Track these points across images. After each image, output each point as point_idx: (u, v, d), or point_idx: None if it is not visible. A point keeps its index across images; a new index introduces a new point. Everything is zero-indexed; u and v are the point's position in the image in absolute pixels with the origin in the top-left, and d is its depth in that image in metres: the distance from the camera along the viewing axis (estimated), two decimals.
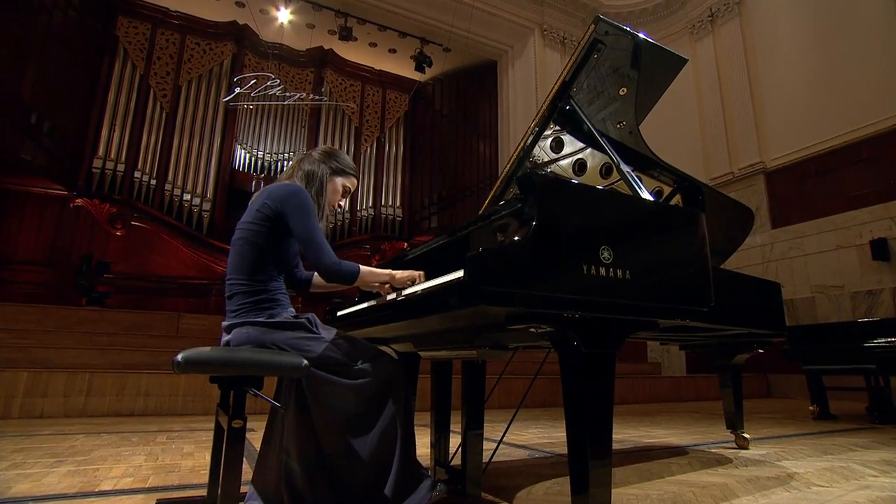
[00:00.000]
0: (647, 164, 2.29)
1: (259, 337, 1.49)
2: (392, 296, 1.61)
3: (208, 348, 1.33)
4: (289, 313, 1.57)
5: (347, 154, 1.88)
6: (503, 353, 1.66)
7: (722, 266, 2.78)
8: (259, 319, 1.51)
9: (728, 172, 8.24)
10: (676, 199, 2.43)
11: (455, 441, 1.98)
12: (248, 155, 10.26)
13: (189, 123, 9.57)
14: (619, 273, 1.28)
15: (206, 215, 9.26)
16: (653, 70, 2.07)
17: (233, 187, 9.89)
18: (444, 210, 11.27)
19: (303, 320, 1.55)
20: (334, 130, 11.05)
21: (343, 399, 1.48)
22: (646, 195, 1.75)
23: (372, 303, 1.79)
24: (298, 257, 1.75)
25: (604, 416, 1.28)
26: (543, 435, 3.42)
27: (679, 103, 8.56)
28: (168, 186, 9.10)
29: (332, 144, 10.76)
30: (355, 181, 1.85)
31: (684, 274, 1.47)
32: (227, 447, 1.30)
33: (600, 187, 2.38)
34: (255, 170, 10.25)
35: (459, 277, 1.19)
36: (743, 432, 2.87)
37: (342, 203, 1.83)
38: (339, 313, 2.09)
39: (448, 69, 11.23)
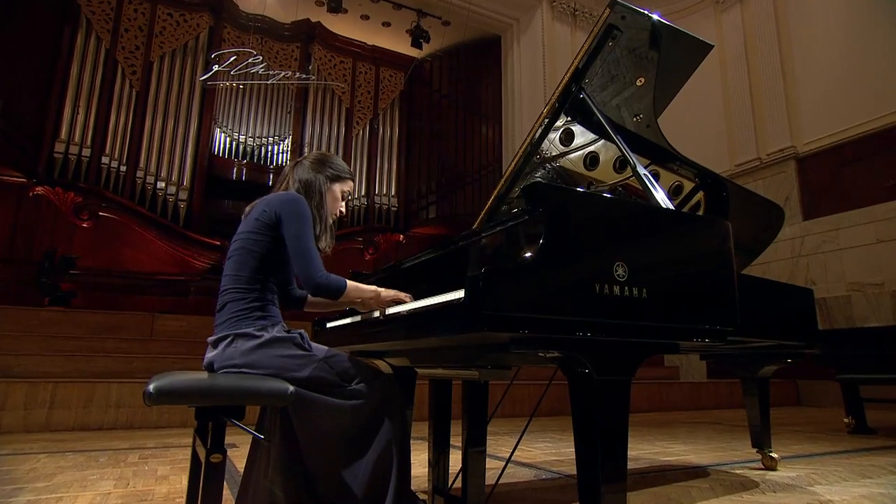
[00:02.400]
0: (666, 157, 2.29)
1: (245, 355, 1.48)
2: (376, 314, 1.62)
3: (184, 375, 1.32)
4: (280, 328, 1.57)
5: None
6: (507, 371, 1.65)
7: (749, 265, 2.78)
8: (248, 331, 1.51)
9: (755, 158, 8.20)
10: (699, 197, 2.42)
11: (455, 457, 1.98)
12: (228, 139, 10.18)
13: (162, 103, 9.49)
14: (636, 292, 1.27)
15: (182, 205, 9.21)
16: (673, 57, 2.05)
17: (212, 174, 9.79)
18: (444, 199, 11.23)
19: (294, 335, 1.56)
20: (323, 112, 10.98)
21: (334, 422, 1.48)
22: (661, 195, 1.75)
23: (359, 317, 1.79)
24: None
25: (617, 443, 1.28)
26: (551, 450, 3.44)
27: (701, 82, 8.44)
28: (140, 173, 9.05)
29: (321, 127, 10.78)
30: (352, 184, 1.90)
31: (707, 290, 1.46)
32: (205, 481, 1.30)
33: (614, 183, 2.39)
34: (237, 155, 10.17)
35: (459, 299, 1.18)
36: (770, 451, 2.86)
37: (342, 209, 1.87)
38: (330, 325, 2.09)
39: (447, 45, 11.15)
